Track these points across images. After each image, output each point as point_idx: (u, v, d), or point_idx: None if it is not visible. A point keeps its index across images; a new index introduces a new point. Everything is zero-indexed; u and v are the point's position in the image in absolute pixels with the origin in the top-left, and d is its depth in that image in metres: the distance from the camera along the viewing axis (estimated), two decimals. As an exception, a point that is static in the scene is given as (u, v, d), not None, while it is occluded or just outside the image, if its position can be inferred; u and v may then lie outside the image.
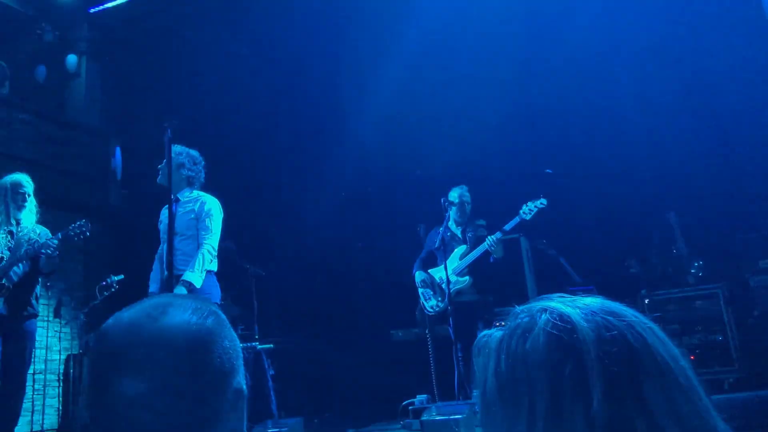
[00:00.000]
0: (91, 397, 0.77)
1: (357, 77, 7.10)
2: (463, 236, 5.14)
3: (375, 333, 6.41)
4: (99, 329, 0.83)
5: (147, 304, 0.83)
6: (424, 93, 6.78)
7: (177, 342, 0.77)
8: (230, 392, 0.81)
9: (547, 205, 4.75)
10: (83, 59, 8.35)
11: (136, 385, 0.73)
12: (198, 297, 0.88)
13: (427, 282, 5.12)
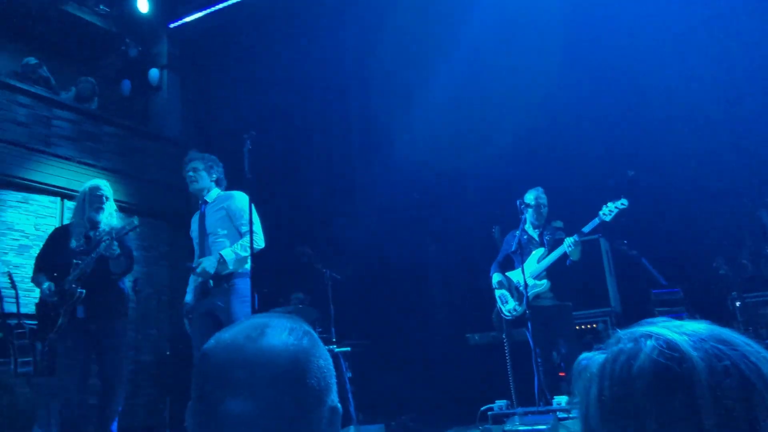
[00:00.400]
0: (199, 414, 0.80)
1: (426, 75, 7.09)
2: (540, 239, 5.03)
3: (451, 336, 6.38)
4: (202, 349, 0.87)
5: (245, 325, 0.86)
6: (498, 91, 6.69)
7: (276, 363, 0.80)
8: (326, 410, 0.84)
9: (628, 206, 4.59)
10: (164, 73, 8.72)
11: (241, 404, 0.77)
12: (292, 317, 0.90)
13: (504, 284, 5.03)
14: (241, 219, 4.02)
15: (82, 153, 7.24)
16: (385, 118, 7.40)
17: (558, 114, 6.31)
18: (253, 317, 0.90)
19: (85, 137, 7.34)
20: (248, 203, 3.95)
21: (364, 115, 7.60)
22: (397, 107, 7.34)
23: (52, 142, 6.96)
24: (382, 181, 7.20)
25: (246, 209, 3.95)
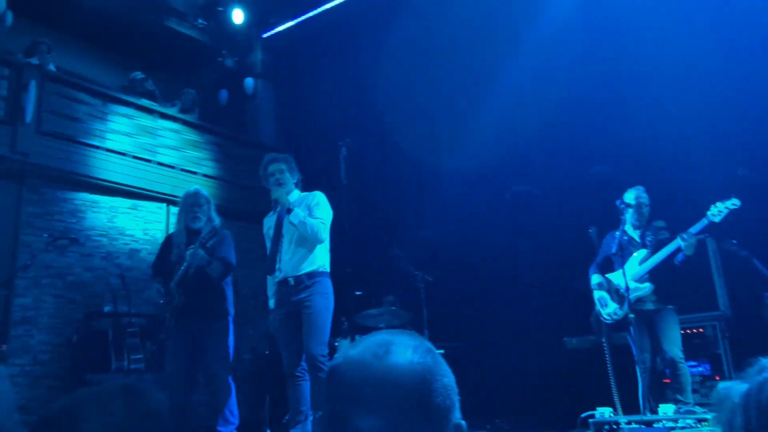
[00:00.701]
0: (330, 428, 0.83)
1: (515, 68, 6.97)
2: (642, 240, 4.80)
3: (547, 340, 6.22)
4: (330, 365, 0.90)
5: (370, 343, 0.88)
6: (596, 86, 6.47)
7: (403, 381, 0.81)
8: (451, 427, 0.84)
9: (740, 206, 4.31)
10: (258, 81, 9.04)
11: (370, 421, 0.79)
12: (413, 334, 0.92)
13: (603, 286, 4.83)
14: (320, 209, 4.07)
15: (185, 161, 7.64)
16: (473, 117, 7.34)
17: (660, 108, 6.02)
18: (376, 334, 0.92)
19: (187, 146, 7.74)
20: (327, 202, 4.10)
21: (452, 116, 7.57)
22: (486, 106, 7.25)
23: (158, 152, 7.38)
24: (473, 182, 7.13)
25: (321, 205, 4.07)
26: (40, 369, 6.04)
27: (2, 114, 6.03)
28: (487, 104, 7.17)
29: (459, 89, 7.46)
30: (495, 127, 7.04)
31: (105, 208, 6.91)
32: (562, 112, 6.72)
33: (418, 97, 7.68)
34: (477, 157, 7.12)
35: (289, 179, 4.25)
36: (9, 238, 6.05)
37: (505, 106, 7.02)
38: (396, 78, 7.82)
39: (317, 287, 3.93)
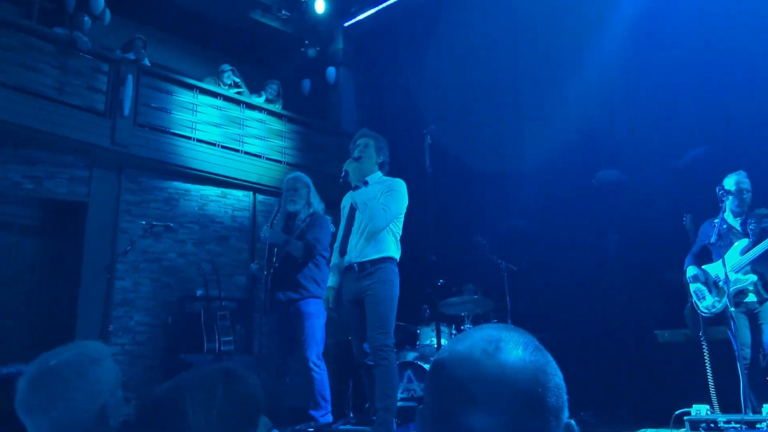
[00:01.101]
0: (437, 423, 0.82)
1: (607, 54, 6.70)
2: (743, 228, 4.50)
3: (636, 332, 6.00)
4: (435, 360, 0.88)
5: (478, 338, 0.86)
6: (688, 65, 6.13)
7: (517, 380, 0.79)
8: (562, 427, 0.82)
9: None
10: (340, 70, 9.14)
11: (482, 419, 0.77)
12: (519, 329, 0.89)
13: (700, 278, 4.56)
14: (391, 197, 3.83)
15: (270, 150, 7.84)
16: (558, 102, 7.12)
17: (762, 85, 5.63)
18: (481, 329, 0.90)
19: (272, 135, 7.93)
20: (403, 191, 3.87)
21: (536, 102, 7.37)
22: (571, 90, 7.01)
23: (245, 141, 7.61)
24: (558, 169, 6.93)
25: (395, 194, 3.84)
26: (138, 348, 6.40)
27: (102, 107, 6.38)
28: (572, 89, 6.93)
29: (543, 74, 7.25)
30: (581, 112, 6.81)
31: (196, 197, 7.21)
32: (652, 94, 6.41)
33: (501, 83, 7.53)
34: (562, 143, 6.91)
35: (372, 157, 4.04)
36: (110, 224, 6.42)
37: (591, 90, 6.77)
38: (478, 64, 7.70)
39: (381, 274, 3.75)
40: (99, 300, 5.81)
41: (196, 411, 1.11)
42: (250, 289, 7.36)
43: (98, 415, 1.42)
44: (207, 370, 1.19)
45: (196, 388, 1.14)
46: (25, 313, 6.20)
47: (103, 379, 1.44)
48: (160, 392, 1.15)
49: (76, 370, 1.41)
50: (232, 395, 1.14)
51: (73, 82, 6.20)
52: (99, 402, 1.42)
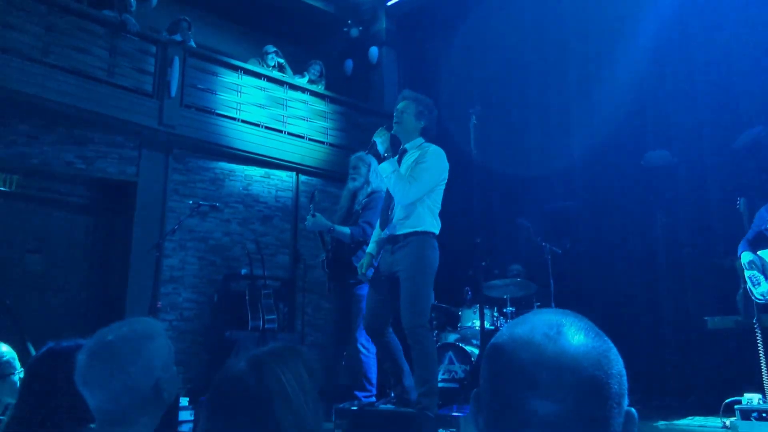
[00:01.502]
0: (496, 408, 0.81)
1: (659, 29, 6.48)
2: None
3: (685, 318, 5.86)
4: (493, 343, 0.87)
5: (538, 322, 0.84)
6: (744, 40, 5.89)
7: (580, 366, 0.78)
8: (623, 414, 0.80)
9: None
10: (382, 50, 9.08)
11: (544, 404, 0.76)
12: (578, 315, 0.87)
13: (755, 265, 4.44)
14: (422, 168, 3.59)
15: (313, 131, 7.87)
16: (606, 80, 6.93)
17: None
18: (540, 313, 0.89)
19: (315, 116, 7.96)
20: (437, 160, 3.63)
21: (583, 81, 7.19)
22: (620, 68, 6.81)
23: (288, 122, 7.65)
24: (605, 149, 6.77)
25: (428, 164, 3.59)
26: (185, 324, 6.57)
27: (150, 89, 6.49)
28: (621, 67, 6.73)
29: (591, 53, 7.06)
30: (630, 92, 6.62)
31: (241, 177, 7.31)
32: (705, 71, 6.18)
33: (548, 63, 7.36)
34: (610, 124, 6.74)
35: (410, 122, 3.75)
36: (158, 203, 6.57)
37: (641, 69, 6.57)
38: (523, 43, 7.55)
39: (413, 248, 3.53)
40: (148, 277, 5.97)
41: (290, 382, 1.14)
42: (292, 268, 7.46)
43: (153, 389, 1.46)
44: (273, 347, 1.21)
45: (281, 363, 1.16)
46: (78, 290, 6.42)
47: (156, 355, 1.48)
48: (239, 368, 1.16)
49: (132, 345, 1.46)
50: (309, 370, 1.18)
51: (122, 64, 6.33)
52: (153, 377, 1.46)
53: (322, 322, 7.60)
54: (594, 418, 0.76)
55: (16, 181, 5.95)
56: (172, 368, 1.56)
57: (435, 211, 3.69)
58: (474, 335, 6.01)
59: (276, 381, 1.13)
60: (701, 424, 4.27)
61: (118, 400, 1.42)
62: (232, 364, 1.18)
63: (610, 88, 6.81)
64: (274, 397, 1.11)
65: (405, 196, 3.53)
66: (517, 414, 0.77)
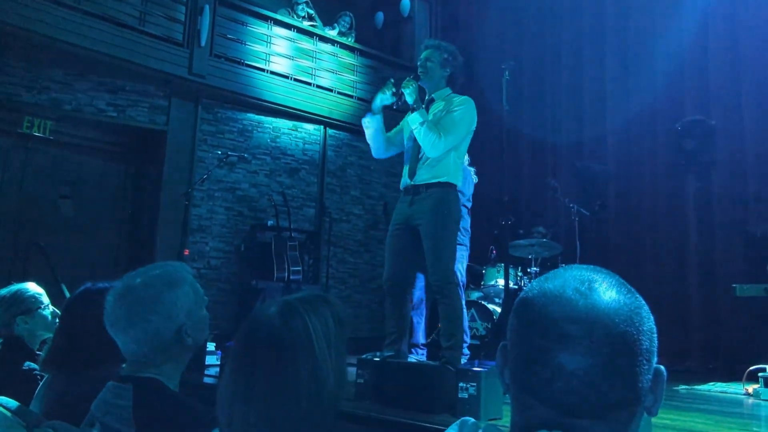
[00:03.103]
0: (525, 362, 0.81)
1: None
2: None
3: (713, 284, 5.80)
4: (522, 297, 0.87)
5: (569, 277, 0.84)
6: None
7: (612, 321, 0.78)
8: (651, 372, 0.81)
9: None
10: (415, 3, 8.89)
11: (574, 359, 0.76)
12: (610, 272, 0.86)
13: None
14: (451, 119, 3.48)
15: (341, 84, 7.81)
16: (643, 40, 6.72)
17: None
18: (571, 269, 0.88)
19: (343, 69, 7.88)
20: (466, 110, 3.49)
21: (620, 45, 6.97)
22: (658, 33, 6.58)
23: (317, 75, 7.59)
24: (637, 111, 6.61)
25: (456, 114, 3.47)
26: (213, 273, 6.70)
27: (180, 38, 6.47)
28: (659, 32, 6.51)
29: (630, 13, 6.83)
30: (669, 57, 6.40)
31: (269, 129, 7.31)
32: (744, 35, 5.94)
33: (583, 23, 7.14)
34: (646, 84, 6.56)
35: (436, 71, 3.62)
36: (188, 153, 6.62)
37: (680, 32, 6.33)
38: (560, 1, 7.32)
39: (435, 200, 3.45)
40: (177, 225, 6.07)
41: (317, 332, 1.15)
42: (318, 221, 7.51)
43: (175, 336, 1.48)
44: (305, 295, 1.22)
45: (310, 311, 1.17)
46: (109, 235, 6.56)
47: (178, 303, 1.49)
48: (270, 313, 1.17)
49: (153, 292, 1.47)
50: (336, 320, 1.19)
51: (153, 12, 6.30)
52: (176, 323, 1.48)
53: (346, 275, 7.69)
54: (623, 373, 0.77)
55: (49, 126, 6.04)
56: (200, 313, 1.57)
57: (459, 164, 3.63)
58: (497, 294, 6.03)
59: (303, 327, 1.14)
60: (723, 389, 4.27)
61: (140, 343, 1.45)
62: (263, 308, 1.19)
63: (648, 53, 6.61)
64: (297, 343, 1.12)
65: (434, 148, 3.43)
66: (545, 368, 0.78)
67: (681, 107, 6.32)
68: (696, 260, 6.07)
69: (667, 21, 6.46)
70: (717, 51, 6.14)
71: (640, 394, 0.79)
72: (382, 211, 4.90)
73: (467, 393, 2.82)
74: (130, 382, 1.45)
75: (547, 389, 0.78)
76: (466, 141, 3.62)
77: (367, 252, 7.96)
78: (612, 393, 0.76)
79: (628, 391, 0.77)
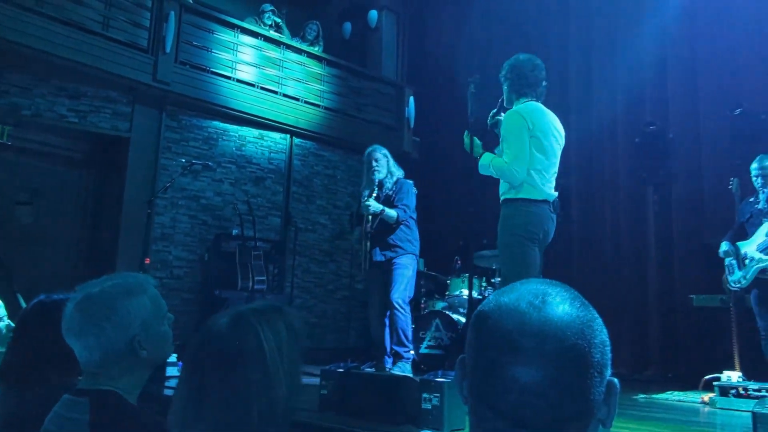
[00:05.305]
0: (480, 374, 0.82)
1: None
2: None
3: (671, 295, 5.94)
4: (479, 310, 0.88)
5: (524, 291, 0.86)
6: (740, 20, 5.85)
7: (563, 334, 0.79)
8: (604, 385, 0.82)
9: None
10: (383, 14, 8.94)
11: (526, 371, 0.77)
12: (565, 285, 0.88)
13: (730, 253, 4.66)
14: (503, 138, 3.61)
15: (308, 93, 7.79)
16: (606, 59, 6.88)
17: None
18: (527, 283, 0.90)
19: (311, 78, 7.87)
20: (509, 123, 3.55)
21: (584, 58, 7.13)
22: (620, 46, 6.75)
23: (283, 83, 7.57)
24: (598, 123, 6.76)
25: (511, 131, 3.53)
26: (176, 282, 6.59)
27: (145, 44, 6.39)
28: (621, 45, 6.67)
29: (593, 28, 6.99)
30: (630, 70, 6.57)
31: (234, 137, 7.25)
32: (704, 46, 6.13)
33: (548, 36, 7.27)
34: (607, 97, 6.72)
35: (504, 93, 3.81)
36: (151, 160, 6.52)
37: (643, 46, 6.51)
38: (525, 15, 7.45)
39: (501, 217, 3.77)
40: (139, 233, 5.96)
41: (269, 342, 1.14)
42: (283, 231, 7.47)
43: (128, 346, 1.45)
44: (258, 305, 1.21)
45: (262, 321, 1.16)
46: (69, 243, 6.41)
47: (132, 313, 1.46)
48: (221, 324, 1.16)
49: (108, 301, 1.44)
50: (290, 330, 1.18)
51: (117, 17, 6.21)
52: (128, 335, 1.45)
53: (312, 285, 7.65)
54: (575, 386, 0.78)
55: (8, 131, 5.88)
56: (160, 328, 1.54)
57: (533, 174, 3.49)
58: (461, 304, 6.07)
59: (254, 338, 1.13)
60: (680, 398, 4.37)
61: (92, 351, 1.42)
62: (214, 319, 1.18)
63: (610, 67, 6.78)
64: (248, 354, 1.11)
65: (513, 178, 3.45)
66: (499, 380, 0.79)
67: (641, 120, 6.48)
68: (655, 271, 6.22)
69: (628, 36, 6.63)
70: (675, 66, 6.33)
71: (592, 406, 0.80)
72: (348, 221, 5.01)
73: (431, 404, 2.83)
74: (86, 395, 1.42)
75: (502, 402, 0.79)
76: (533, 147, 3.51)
77: (333, 262, 7.94)
78: (564, 405, 0.77)
79: (580, 404, 0.78)
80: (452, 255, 6.49)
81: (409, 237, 4.86)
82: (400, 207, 4.79)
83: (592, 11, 7.05)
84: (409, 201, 4.85)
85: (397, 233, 4.81)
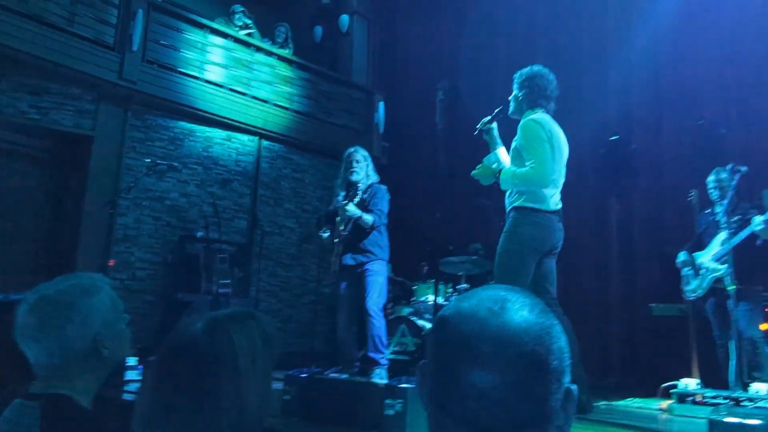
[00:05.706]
0: (439, 378, 0.82)
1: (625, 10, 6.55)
2: (727, 220, 4.56)
3: (631, 304, 6.05)
4: (440, 315, 0.88)
5: (484, 296, 0.86)
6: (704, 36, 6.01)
7: (521, 340, 0.79)
8: (563, 391, 0.82)
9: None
10: (354, 19, 8.95)
11: (484, 377, 0.77)
12: (527, 291, 0.89)
13: (687, 263, 4.82)
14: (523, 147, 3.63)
15: (278, 96, 7.75)
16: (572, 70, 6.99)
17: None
18: (487, 288, 0.90)
19: (280, 81, 7.83)
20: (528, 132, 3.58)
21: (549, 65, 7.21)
22: (586, 57, 6.88)
23: (252, 85, 7.51)
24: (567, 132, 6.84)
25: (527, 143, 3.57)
26: (138, 284, 6.46)
27: (111, 41, 6.27)
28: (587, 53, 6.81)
29: (561, 39, 7.10)
30: (596, 79, 6.70)
31: (201, 138, 7.16)
32: (670, 58, 6.28)
33: (516, 44, 7.36)
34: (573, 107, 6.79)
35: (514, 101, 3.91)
36: (115, 160, 6.39)
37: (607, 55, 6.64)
38: (496, 21, 7.54)
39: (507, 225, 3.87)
40: (100, 234, 5.84)
41: (242, 349, 1.12)
42: (250, 234, 7.39)
43: (91, 346, 1.43)
44: (232, 311, 1.19)
45: (237, 328, 1.14)
46: (28, 243, 6.24)
47: (94, 311, 1.44)
48: (196, 329, 1.14)
49: (68, 301, 1.42)
50: (264, 338, 1.16)
51: (83, 13, 6.08)
52: (90, 333, 1.43)
53: (278, 289, 7.59)
54: (532, 392, 0.78)
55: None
56: (118, 326, 1.53)
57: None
58: (427, 310, 6.09)
59: (228, 345, 1.11)
60: (640, 405, 4.44)
61: (52, 355, 1.39)
62: (187, 324, 1.15)
63: (576, 78, 6.88)
64: (221, 360, 1.09)
65: (542, 182, 3.53)
66: (457, 386, 0.79)
67: (606, 131, 6.60)
68: (617, 280, 6.34)
69: (594, 48, 6.76)
70: (639, 79, 6.47)
71: (550, 413, 0.80)
72: (315, 222, 5.00)
73: (394, 410, 2.82)
74: (37, 399, 1.38)
75: (460, 407, 0.79)
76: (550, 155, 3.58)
77: (300, 266, 7.88)
78: (521, 411, 0.77)
79: (537, 410, 0.79)
80: (419, 261, 6.51)
81: (380, 242, 4.85)
82: (375, 212, 4.78)
83: (558, 24, 7.16)
84: (384, 206, 4.84)
85: (369, 238, 4.79)
